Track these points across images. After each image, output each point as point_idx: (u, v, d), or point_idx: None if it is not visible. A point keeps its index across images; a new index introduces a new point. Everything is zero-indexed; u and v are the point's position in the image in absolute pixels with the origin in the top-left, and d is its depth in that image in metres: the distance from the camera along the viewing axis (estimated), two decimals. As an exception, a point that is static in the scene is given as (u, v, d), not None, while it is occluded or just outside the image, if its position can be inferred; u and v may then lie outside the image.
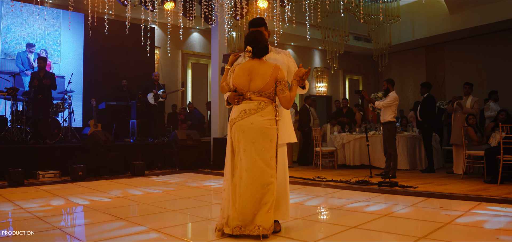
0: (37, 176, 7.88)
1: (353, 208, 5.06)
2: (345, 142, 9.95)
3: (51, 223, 4.22)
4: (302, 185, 7.30)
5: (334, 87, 18.36)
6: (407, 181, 7.17)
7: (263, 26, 3.64)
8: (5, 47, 10.28)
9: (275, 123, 3.34)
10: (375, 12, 14.06)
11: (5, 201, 5.64)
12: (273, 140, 3.32)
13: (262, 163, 3.25)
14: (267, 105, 3.33)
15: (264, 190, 3.25)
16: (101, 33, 9.82)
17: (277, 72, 3.33)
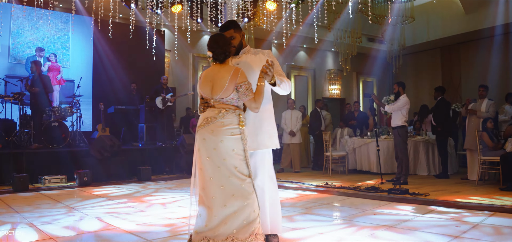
0: (43, 181, 7.84)
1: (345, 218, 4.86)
2: (356, 146, 9.71)
3: None
4: (310, 191, 7.11)
5: (347, 90, 18.09)
6: (419, 188, 6.94)
7: (232, 29, 3.46)
8: (15, 52, 10.32)
9: (239, 131, 3.14)
10: (388, 13, 13.80)
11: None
12: (237, 148, 3.12)
13: (227, 172, 3.09)
14: (229, 112, 3.14)
15: (234, 200, 3.07)
16: (111, 37, 9.76)
17: (236, 76, 3.12)
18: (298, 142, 10.22)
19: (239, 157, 3.12)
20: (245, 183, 3.11)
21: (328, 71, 17.57)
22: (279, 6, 9.55)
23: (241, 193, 3.09)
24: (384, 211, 5.26)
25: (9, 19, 10.15)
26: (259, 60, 3.46)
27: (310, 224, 4.56)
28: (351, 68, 17.31)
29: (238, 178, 3.09)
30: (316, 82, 17.29)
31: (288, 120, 10.28)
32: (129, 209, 5.60)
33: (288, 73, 16.49)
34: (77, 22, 10.87)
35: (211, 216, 3.06)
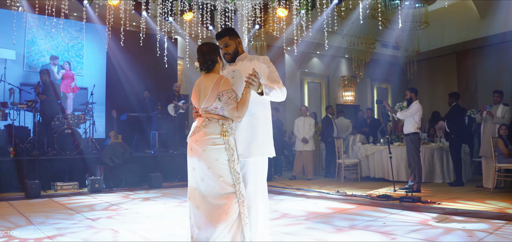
0: (55, 187, 7.92)
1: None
2: (369, 153, 9.58)
3: None
4: (320, 199, 7.03)
5: (361, 96, 17.94)
6: (432, 196, 6.81)
7: (227, 36, 3.36)
8: (30, 60, 10.48)
9: (222, 141, 3.07)
10: (403, 18, 13.66)
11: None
12: (221, 158, 3.05)
13: (212, 182, 3.03)
14: (211, 122, 3.09)
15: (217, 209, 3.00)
16: (124, 45, 9.84)
17: (218, 85, 3.05)
18: (311, 149, 10.13)
19: (223, 167, 3.05)
20: (228, 195, 3.03)
21: (341, 78, 17.46)
22: (290, 12, 9.51)
23: (223, 204, 3.01)
24: (395, 219, 5.17)
25: (24, 28, 10.32)
26: (255, 67, 3.31)
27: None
28: (365, 75, 17.19)
29: (222, 189, 3.02)
30: (329, 89, 17.19)
31: (301, 127, 10.21)
32: (135, 216, 5.61)
33: (301, 79, 16.43)
34: (91, 31, 11.01)
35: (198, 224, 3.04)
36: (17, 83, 9.94)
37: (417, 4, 13.49)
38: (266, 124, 3.35)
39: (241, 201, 3.07)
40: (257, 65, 3.31)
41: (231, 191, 3.04)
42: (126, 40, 9.63)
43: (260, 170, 3.28)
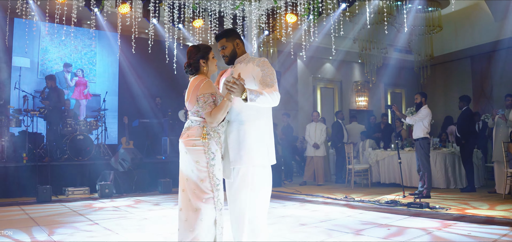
0: (67, 192, 8.04)
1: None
2: (379, 158, 9.50)
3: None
4: (329, 204, 6.99)
5: (375, 101, 17.78)
6: (442, 201, 6.72)
7: (224, 38, 3.29)
8: (43, 68, 10.70)
9: (201, 143, 3.03)
10: (415, 22, 13.53)
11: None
12: (201, 161, 3.02)
13: (193, 185, 3.03)
14: (194, 123, 3.10)
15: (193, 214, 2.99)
16: (136, 52, 9.95)
17: (198, 88, 3.04)
18: (322, 155, 10.07)
19: (203, 170, 3.02)
20: (206, 199, 3.00)
21: (355, 83, 17.36)
22: (299, 18, 9.50)
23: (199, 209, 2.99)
24: (400, 225, 5.11)
25: (38, 36, 10.54)
26: (249, 70, 3.20)
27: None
28: (378, 79, 17.06)
29: (201, 192, 3.00)
30: (342, 94, 17.10)
31: (312, 133, 10.17)
32: (141, 221, 5.66)
33: (314, 85, 16.38)
34: (103, 38, 11.19)
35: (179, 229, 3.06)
36: (32, 90, 10.15)
37: (430, 8, 13.37)
38: (259, 130, 3.16)
39: (219, 209, 3.03)
40: (251, 68, 3.18)
41: (209, 197, 3.01)
42: (138, 47, 9.74)
43: (256, 180, 3.11)
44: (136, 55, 10.50)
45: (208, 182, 3.02)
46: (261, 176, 3.14)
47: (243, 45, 3.36)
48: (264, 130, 3.20)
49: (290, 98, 15.47)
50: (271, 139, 3.25)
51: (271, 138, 3.25)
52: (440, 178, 8.65)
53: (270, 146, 3.21)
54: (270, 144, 3.21)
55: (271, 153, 3.22)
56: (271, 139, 3.24)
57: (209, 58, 3.22)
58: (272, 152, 3.23)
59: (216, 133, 3.09)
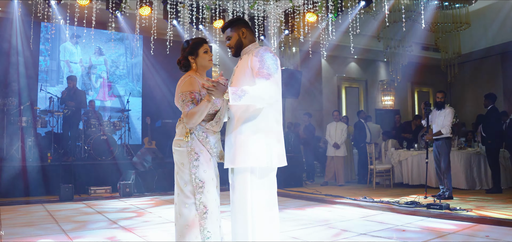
0: (89, 191, 8.23)
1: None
2: (402, 159, 9.31)
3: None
4: (346, 205, 6.90)
5: (401, 100, 17.46)
6: (464, 203, 6.52)
7: (229, 27, 3.04)
8: (68, 70, 10.97)
9: (184, 143, 2.86)
10: (442, 19, 13.22)
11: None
12: (185, 163, 2.86)
13: (178, 188, 2.91)
14: (180, 123, 2.94)
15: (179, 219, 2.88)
16: (160, 54, 10.08)
17: (179, 86, 2.93)
18: (342, 155, 9.94)
19: (186, 172, 2.85)
20: (190, 205, 2.85)
21: (380, 82, 17.07)
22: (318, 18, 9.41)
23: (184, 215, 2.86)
24: (418, 225, 4.99)
25: (64, 38, 10.84)
26: (244, 62, 2.94)
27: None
28: (405, 78, 16.72)
29: (185, 197, 2.85)
30: (368, 93, 16.86)
31: (333, 132, 10.05)
32: (157, 219, 5.73)
33: (339, 85, 16.21)
34: (127, 40, 11.37)
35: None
36: (57, 92, 10.42)
37: (457, 4, 13.03)
38: (253, 128, 2.85)
39: (201, 213, 2.83)
40: (249, 60, 2.89)
41: (191, 202, 2.85)
42: (160, 49, 9.86)
43: (252, 181, 2.82)
44: (159, 56, 10.64)
45: (191, 185, 2.86)
46: (259, 178, 2.83)
47: (251, 34, 3.05)
48: (261, 127, 2.85)
49: (313, 98, 15.36)
50: (272, 137, 2.86)
51: (272, 136, 2.87)
52: (463, 179, 8.40)
53: (270, 145, 2.83)
54: (270, 142, 2.84)
55: (274, 153, 2.84)
56: (271, 137, 2.86)
57: (199, 53, 3.01)
58: (275, 152, 2.84)
59: (201, 132, 2.90)
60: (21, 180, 7.88)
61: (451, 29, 13.28)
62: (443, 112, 7.43)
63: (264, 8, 9.99)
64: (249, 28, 3.06)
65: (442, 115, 7.44)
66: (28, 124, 8.79)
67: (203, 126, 2.91)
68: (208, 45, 3.09)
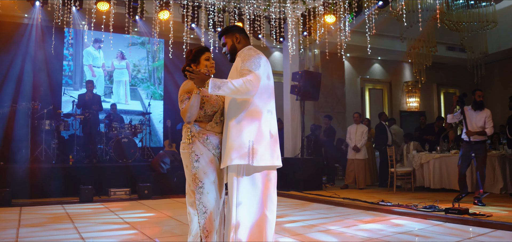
0: (109, 193, 8.37)
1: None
2: (423, 162, 9.09)
3: None
4: (361, 209, 6.80)
5: (427, 102, 17.12)
6: (485, 207, 6.33)
7: (223, 35, 3.17)
8: (88, 74, 11.21)
9: (187, 146, 3.01)
10: (467, 19, 12.90)
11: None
12: (188, 165, 3.01)
13: (186, 187, 3.07)
14: (185, 126, 3.08)
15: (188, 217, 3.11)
16: (180, 57, 10.18)
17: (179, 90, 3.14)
18: (362, 158, 9.81)
19: (189, 174, 3.02)
20: (191, 204, 3.03)
21: (405, 83, 16.79)
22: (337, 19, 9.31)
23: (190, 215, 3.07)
24: (431, 230, 4.87)
25: (87, 43, 11.09)
26: (234, 65, 3.07)
27: None
28: (431, 79, 16.39)
29: (189, 197, 3.05)
30: (392, 95, 16.60)
31: (353, 135, 9.94)
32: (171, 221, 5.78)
33: (362, 86, 16.02)
34: (149, 44, 11.53)
35: None
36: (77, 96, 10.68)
37: (483, 3, 12.69)
38: (239, 126, 2.89)
39: (202, 212, 2.94)
40: (237, 61, 3.03)
41: (193, 201, 3.00)
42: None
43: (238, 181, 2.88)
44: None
45: (193, 185, 2.99)
46: (241, 178, 2.88)
47: (245, 38, 3.16)
48: (244, 126, 2.88)
49: (337, 100, 15.23)
50: (258, 137, 2.88)
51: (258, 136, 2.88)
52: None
53: (256, 144, 2.86)
54: (256, 141, 2.87)
55: (257, 153, 2.85)
56: (256, 137, 2.88)
57: (201, 61, 3.17)
58: (259, 152, 2.86)
59: (201, 134, 3.01)
60: (43, 181, 8.10)
61: (477, 28, 12.94)
62: (484, 113, 7.12)
63: (282, 10, 9.96)
64: (243, 33, 3.18)
65: (482, 116, 7.08)
66: (51, 127, 9.03)
67: (203, 128, 3.03)
68: (210, 53, 3.23)
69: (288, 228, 5.18)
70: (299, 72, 9.81)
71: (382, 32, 13.72)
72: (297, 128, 10.33)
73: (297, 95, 9.80)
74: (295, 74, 9.93)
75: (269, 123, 2.96)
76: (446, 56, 15.69)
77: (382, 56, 16.18)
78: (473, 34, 13.17)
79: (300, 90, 9.64)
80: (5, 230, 5.05)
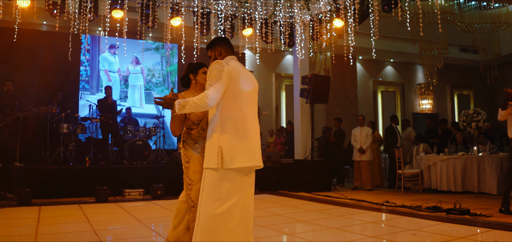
0: (124, 193, 8.69)
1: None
2: (431, 163, 9.18)
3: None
4: (364, 209, 6.95)
5: (440, 104, 17.10)
6: (489, 209, 6.42)
7: (209, 49, 3.39)
8: (105, 79, 11.59)
9: (181, 150, 3.50)
10: (479, 20, 12.90)
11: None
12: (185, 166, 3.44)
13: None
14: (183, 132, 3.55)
15: None
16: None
17: None
18: (368, 160, 9.95)
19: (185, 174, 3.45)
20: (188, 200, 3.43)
21: (418, 85, 16.81)
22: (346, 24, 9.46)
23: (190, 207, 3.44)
24: (431, 230, 5.02)
25: (103, 49, 11.48)
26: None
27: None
28: (444, 81, 16.40)
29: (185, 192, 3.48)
30: (405, 97, 16.63)
31: (358, 137, 10.09)
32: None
33: (374, 89, 16.10)
34: (163, 49, 11.85)
35: None
36: (95, 100, 11.04)
37: (496, 4, 12.70)
38: (212, 132, 3.12)
39: (189, 206, 3.38)
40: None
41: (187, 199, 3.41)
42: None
43: (206, 183, 3.10)
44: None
45: (184, 183, 3.44)
46: (209, 179, 3.08)
47: (226, 50, 3.35)
48: (215, 131, 3.10)
49: (349, 102, 15.34)
50: (227, 140, 3.06)
51: (227, 139, 3.06)
52: (494, 184, 8.22)
53: (224, 148, 3.04)
54: (224, 146, 3.05)
55: (226, 156, 3.02)
56: (223, 140, 3.06)
57: (198, 73, 3.60)
58: (228, 156, 3.03)
59: (190, 139, 3.48)
60: (61, 182, 8.48)
61: (490, 30, 12.95)
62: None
63: (290, 15, 10.16)
64: (225, 45, 3.36)
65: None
66: (69, 130, 9.41)
67: (191, 134, 3.48)
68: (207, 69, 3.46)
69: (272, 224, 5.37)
70: (308, 76, 9.99)
71: (394, 34, 13.82)
72: (307, 131, 10.51)
73: (306, 98, 9.99)
74: (304, 78, 10.12)
75: (242, 127, 3.12)
76: (459, 57, 15.69)
77: (395, 59, 16.24)
78: (486, 36, 13.17)
79: (309, 93, 9.83)
80: (25, 227, 5.37)
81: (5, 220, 5.96)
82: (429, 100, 16.59)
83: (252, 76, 3.32)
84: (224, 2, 9.50)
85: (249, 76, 3.25)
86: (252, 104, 3.20)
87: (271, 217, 6.23)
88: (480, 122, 9.09)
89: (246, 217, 3.08)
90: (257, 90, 3.31)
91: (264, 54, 12.39)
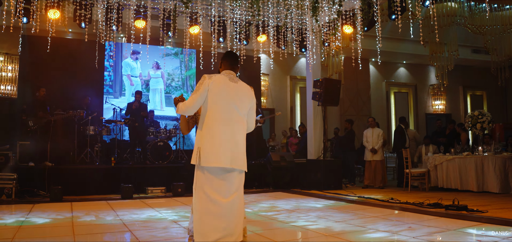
0: (147, 191, 9.31)
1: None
2: (437, 163, 9.58)
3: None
4: (371, 206, 7.40)
5: (453, 104, 17.34)
6: (488, 205, 6.80)
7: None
8: (128, 84, 12.25)
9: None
10: (490, 22, 13.16)
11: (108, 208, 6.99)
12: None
13: None
14: None
15: None
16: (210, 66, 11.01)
17: None
18: (379, 159, 10.40)
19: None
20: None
21: (431, 86, 17.08)
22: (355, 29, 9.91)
23: None
24: (426, 224, 5.46)
25: (125, 55, 12.15)
26: None
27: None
28: (457, 82, 16.64)
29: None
30: (418, 98, 16.93)
31: (370, 138, 10.55)
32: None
33: (387, 90, 16.44)
34: (182, 55, 12.44)
35: None
36: (120, 104, 11.71)
37: (507, 6, 12.96)
38: (198, 133, 3.75)
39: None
40: None
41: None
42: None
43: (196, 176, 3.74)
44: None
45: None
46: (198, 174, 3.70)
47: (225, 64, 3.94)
48: (198, 133, 3.75)
49: (362, 104, 15.73)
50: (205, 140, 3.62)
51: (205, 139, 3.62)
52: (500, 183, 8.56)
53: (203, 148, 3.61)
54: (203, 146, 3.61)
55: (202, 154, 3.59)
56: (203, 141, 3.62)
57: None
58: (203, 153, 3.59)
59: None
60: (89, 180, 9.15)
61: (501, 31, 13.19)
62: None
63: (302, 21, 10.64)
64: (226, 59, 3.97)
65: None
66: (95, 132, 10.09)
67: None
68: None
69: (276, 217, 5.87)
70: (320, 79, 10.46)
71: (406, 36, 14.16)
72: (320, 132, 10.96)
73: (318, 101, 10.46)
74: (316, 81, 10.59)
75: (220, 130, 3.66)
76: (472, 58, 15.91)
77: (407, 60, 16.55)
78: (497, 37, 13.39)
79: (321, 96, 10.30)
80: (63, 212, 6.01)
81: (44, 211, 6.61)
82: (442, 101, 16.85)
83: (241, 87, 3.84)
84: (239, 11, 10.04)
85: (234, 87, 3.76)
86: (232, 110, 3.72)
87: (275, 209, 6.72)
88: (485, 123, 9.44)
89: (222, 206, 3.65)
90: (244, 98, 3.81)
91: (279, 57, 12.89)
